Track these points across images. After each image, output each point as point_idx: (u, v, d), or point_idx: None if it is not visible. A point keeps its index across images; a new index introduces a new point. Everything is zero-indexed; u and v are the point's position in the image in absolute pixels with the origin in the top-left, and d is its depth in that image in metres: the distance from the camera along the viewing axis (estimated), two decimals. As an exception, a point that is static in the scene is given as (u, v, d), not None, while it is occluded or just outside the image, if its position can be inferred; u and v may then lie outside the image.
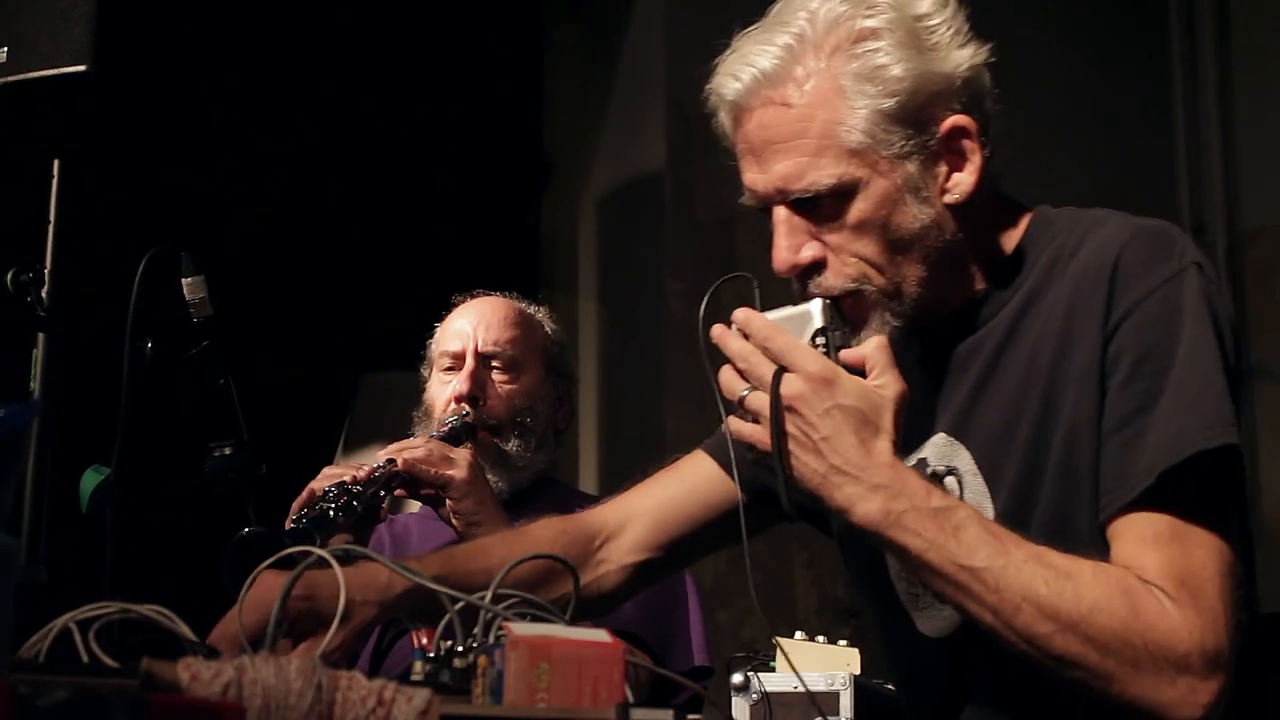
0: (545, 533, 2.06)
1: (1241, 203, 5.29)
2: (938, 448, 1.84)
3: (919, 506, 1.64)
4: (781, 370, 1.67)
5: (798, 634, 2.61)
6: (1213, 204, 5.28)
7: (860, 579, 2.01)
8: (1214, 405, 1.65)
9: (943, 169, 1.77)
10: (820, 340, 1.72)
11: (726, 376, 1.73)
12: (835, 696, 2.37)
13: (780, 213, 1.78)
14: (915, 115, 1.74)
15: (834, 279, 1.77)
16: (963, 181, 1.78)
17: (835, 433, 1.65)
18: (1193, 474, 1.62)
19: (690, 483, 2.10)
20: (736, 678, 2.40)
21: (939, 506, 1.64)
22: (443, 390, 2.82)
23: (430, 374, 2.90)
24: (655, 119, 4.59)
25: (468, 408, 2.76)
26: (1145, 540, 1.63)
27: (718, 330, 1.74)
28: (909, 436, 1.77)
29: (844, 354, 1.72)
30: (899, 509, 1.63)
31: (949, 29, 1.78)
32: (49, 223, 2.74)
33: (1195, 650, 1.57)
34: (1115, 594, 1.59)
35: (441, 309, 2.97)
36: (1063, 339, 1.74)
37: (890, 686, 2.90)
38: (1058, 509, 1.72)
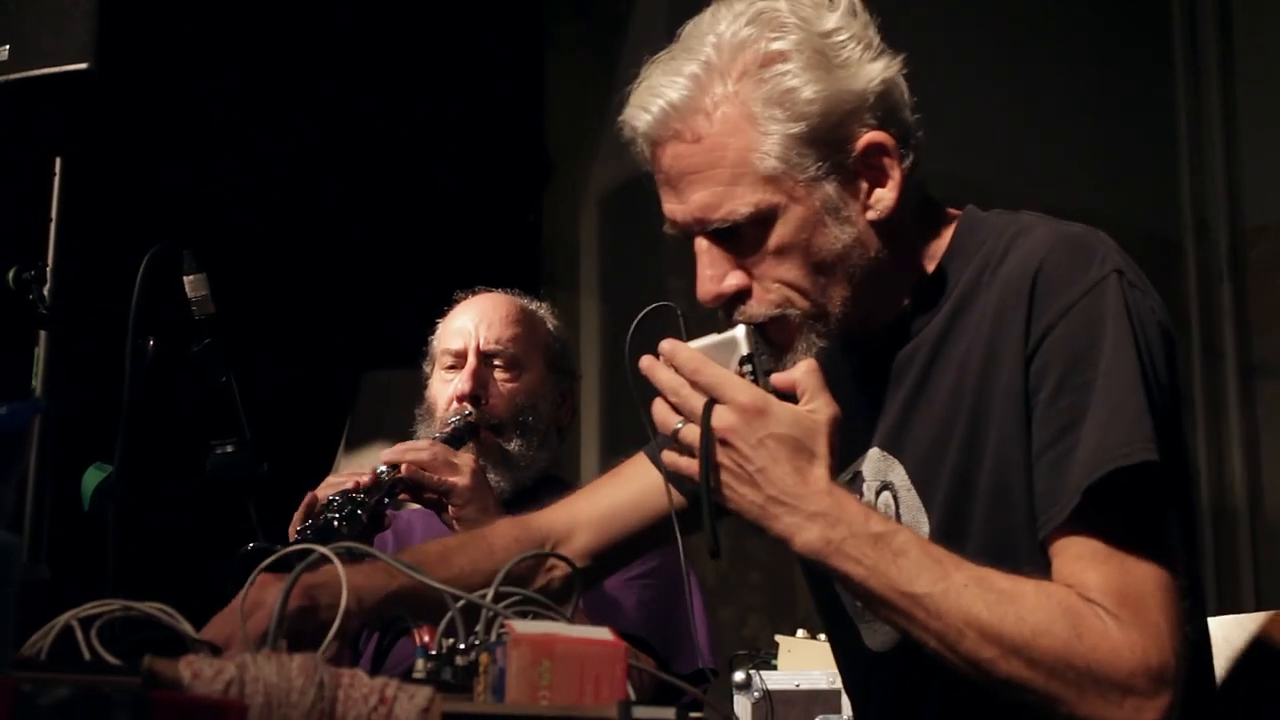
0: (501, 539, 2.05)
1: (1244, 201, 5.28)
2: (873, 463, 1.83)
3: (858, 533, 1.61)
4: (712, 402, 1.65)
5: (799, 632, 2.61)
6: (1215, 202, 5.28)
7: (814, 591, 2.01)
8: (1131, 420, 1.62)
9: (863, 186, 1.75)
10: (748, 368, 1.69)
11: (660, 409, 1.71)
12: (836, 694, 2.37)
13: (701, 243, 1.77)
14: (829, 136, 1.71)
15: (758, 306, 1.75)
16: (884, 198, 1.75)
17: (770, 463, 1.62)
18: (1120, 490, 1.60)
19: (634, 490, 2.09)
20: (738, 676, 2.40)
21: (878, 532, 1.61)
22: (445, 389, 2.81)
23: (432, 371, 2.89)
24: (657, 117, 4.58)
25: (470, 407, 2.75)
26: (1083, 558, 1.61)
27: (646, 362, 1.72)
28: (847, 450, 1.76)
29: (775, 379, 1.69)
30: (838, 536, 1.61)
31: (859, 44, 1.74)
32: (50, 221, 2.74)
33: (1139, 669, 1.55)
34: (1057, 616, 1.57)
35: (443, 308, 2.97)
36: (989, 353, 1.72)
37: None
38: (992, 527, 1.70)
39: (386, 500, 2.45)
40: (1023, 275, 1.71)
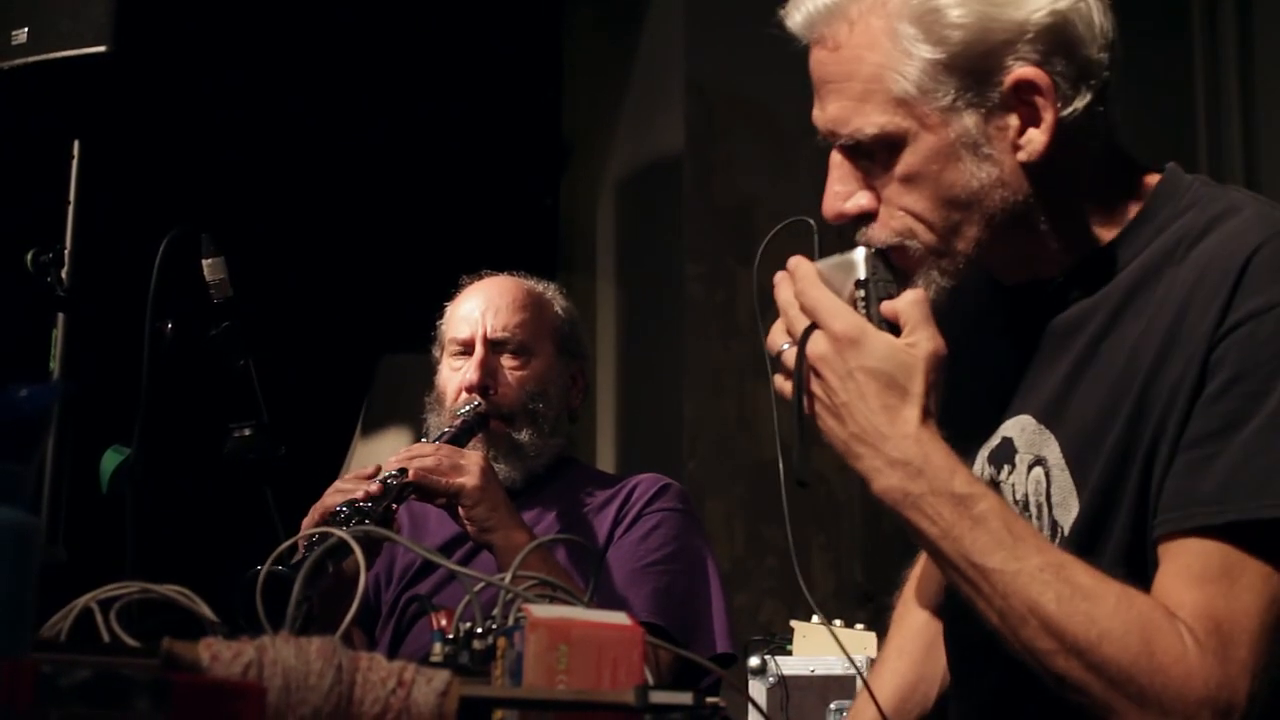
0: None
1: (1261, 188, 5.26)
2: (1026, 433, 1.71)
3: (939, 490, 1.53)
4: (812, 327, 1.59)
5: (814, 617, 2.61)
6: (1232, 183, 5.25)
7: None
8: None
9: (1013, 123, 1.62)
10: (860, 292, 1.63)
11: (774, 329, 1.66)
12: (851, 680, 2.37)
13: (835, 156, 1.68)
14: (974, 65, 1.59)
15: (880, 231, 1.66)
16: (1034, 139, 1.61)
17: (857, 398, 1.56)
18: (1260, 527, 1.49)
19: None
20: (754, 661, 2.40)
21: (961, 493, 1.53)
22: (453, 377, 2.79)
23: (441, 358, 2.88)
24: (674, 102, 4.58)
25: (479, 398, 2.73)
26: (1190, 573, 1.50)
27: (776, 277, 1.66)
28: (987, 408, 1.70)
29: (883, 307, 1.62)
30: (917, 490, 1.54)
31: None
32: (69, 203, 2.75)
33: (1207, 701, 1.46)
34: (1133, 626, 1.48)
35: (454, 292, 2.96)
36: (1169, 337, 1.58)
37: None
38: (1137, 522, 1.59)
39: (395, 506, 2.43)
40: (1229, 260, 1.56)
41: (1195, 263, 1.60)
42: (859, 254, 1.65)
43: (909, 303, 1.60)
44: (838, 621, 2.52)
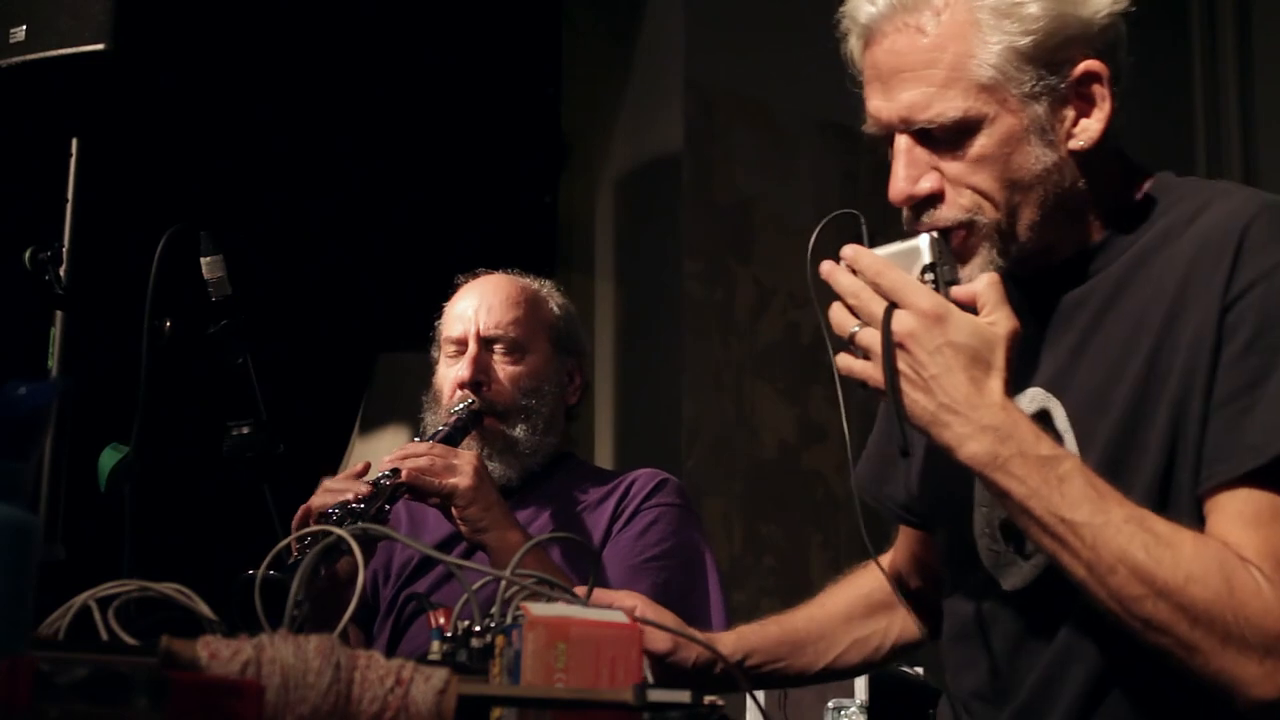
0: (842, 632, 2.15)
1: (1260, 183, 5.26)
2: (1035, 403, 1.81)
3: (1026, 452, 1.63)
4: (892, 306, 1.66)
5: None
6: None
7: (941, 533, 2.00)
8: None
9: (1070, 113, 1.75)
10: (929, 276, 1.70)
11: (837, 313, 1.72)
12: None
13: (902, 142, 1.77)
14: (1049, 56, 1.72)
15: (948, 210, 1.76)
16: (1090, 128, 1.76)
17: (945, 370, 1.64)
18: None
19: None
20: (752, 659, 2.40)
21: (1046, 455, 1.63)
22: (448, 374, 2.79)
23: (439, 357, 2.88)
24: (673, 100, 4.58)
25: (472, 395, 2.73)
26: (1245, 518, 1.62)
27: (827, 266, 1.72)
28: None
29: (955, 291, 1.70)
30: (1006, 453, 1.63)
31: None
32: (67, 201, 2.74)
33: None
34: (1214, 567, 1.58)
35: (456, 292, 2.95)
36: (1176, 304, 1.71)
37: (905, 669, 2.90)
38: (1160, 476, 1.70)
39: (387, 507, 2.42)
40: (1226, 231, 1.70)
41: (1193, 237, 1.73)
42: (924, 240, 1.73)
43: (986, 285, 1.70)
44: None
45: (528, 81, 4.78)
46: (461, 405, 2.69)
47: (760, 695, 2.37)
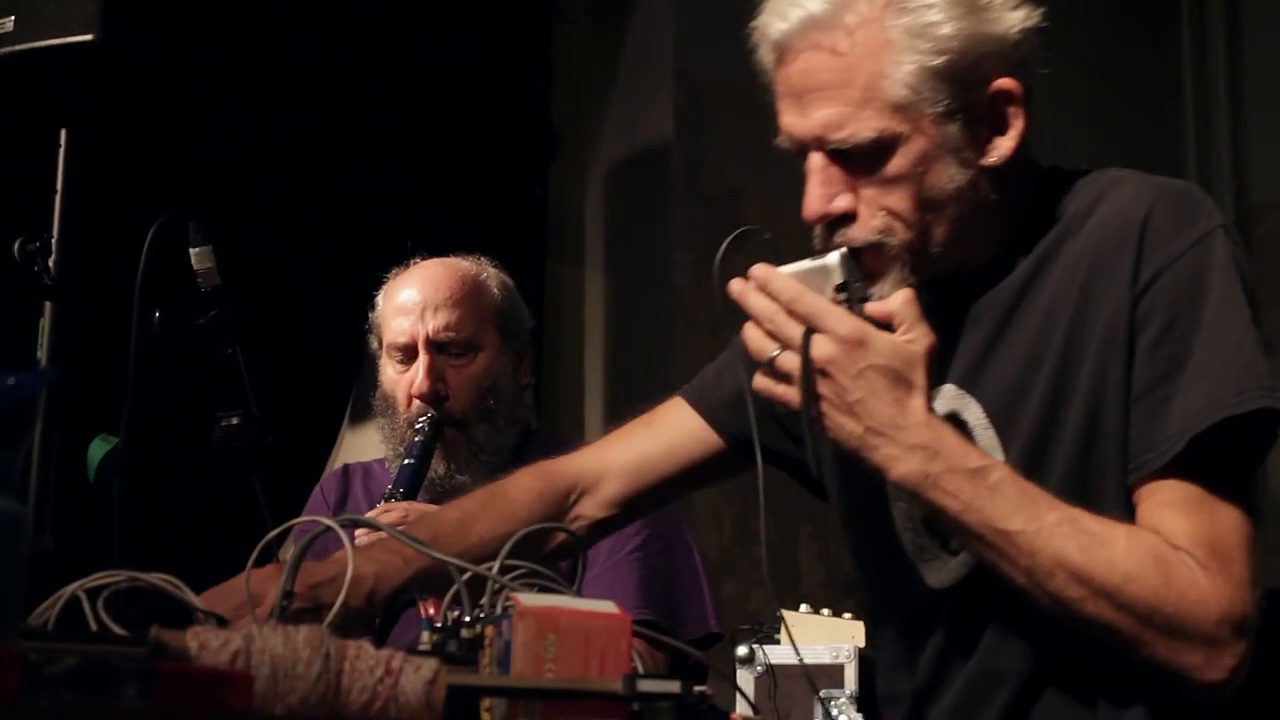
0: (522, 494, 2.05)
1: (1249, 177, 5.27)
2: (946, 399, 1.83)
3: (955, 467, 1.64)
4: (810, 331, 1.66)
5: (803, 606, 2.61)
6: (1220, 178, 5.26)
7: (859, 530, 2.00)
8: (1244, 368, 1.65)
9: (984, 131, 1.76)
10: (842, 295, 1.71)
11: (754, 336, 1.72)
12: (840, 669, 2.38)
13: (815, 160, 1.76)
14: (963, 75, 1.72)
15: (860, 230, 1.75)
16: (1003, 145, 1.76)
17: (870, 394, 1.65)
18: (1222, 439, 1.63)
19: (670, 437, 2.10)
20: (741, 650, 2.40)
21: (975, 467, 1.65)
22: (400, 381, 2.75)
23: (380, 352, 2.83)
24: (663, 91, 4.58)
25: (431, 409, 2.70)
26: (1174, 505, 1.65)
27: (738, 286, 1.73)
28: None
29: (870, 308, 1.71)
30: (936, 470, 1.64)
31: None
32: (56, 192, 2.73)
33: (1224, 618, 1.60)
34: (1149, 562, 1.60)
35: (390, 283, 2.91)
36: (1084, 297, 1.73)
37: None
38: (1078, 469, 1.72)
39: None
40: (1126, 222, 1.73)
41: (1093, 230, 1.76)
42: (833, 258, 1.73)
43: (902, 302, 1.70)
44: (825, 610, 2.53)
45: (517, 72, 4.77)
46: (421, 421, 2.65)
47: (749, 687, 2.37)
